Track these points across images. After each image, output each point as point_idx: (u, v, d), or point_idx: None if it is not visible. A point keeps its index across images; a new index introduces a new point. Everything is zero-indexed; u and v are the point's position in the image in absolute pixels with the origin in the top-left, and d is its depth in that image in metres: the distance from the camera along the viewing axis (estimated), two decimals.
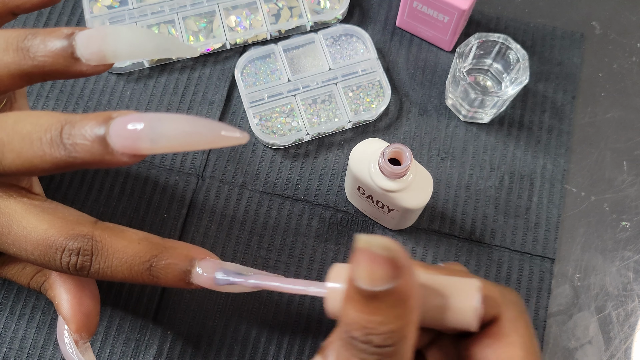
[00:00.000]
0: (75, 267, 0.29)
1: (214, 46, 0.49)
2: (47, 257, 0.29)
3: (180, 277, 0.30)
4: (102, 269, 0.30)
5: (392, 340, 0.22)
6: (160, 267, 0.30)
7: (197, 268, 0.30)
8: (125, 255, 0.30)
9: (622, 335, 0.42)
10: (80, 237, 0.29)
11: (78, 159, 0.27)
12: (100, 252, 0.29)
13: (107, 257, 0.30)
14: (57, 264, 0.29)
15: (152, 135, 0.26)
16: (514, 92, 0.43)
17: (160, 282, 0.30)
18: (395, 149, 0.36)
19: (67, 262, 0.29)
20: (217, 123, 0.27)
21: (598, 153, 0.47)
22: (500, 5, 0.52)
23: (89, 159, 0.27)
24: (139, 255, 0.30)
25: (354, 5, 0.51)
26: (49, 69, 0.28)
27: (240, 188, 0.45)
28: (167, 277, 0.30)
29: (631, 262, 0.44)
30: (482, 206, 0.45)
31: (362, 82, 0.48)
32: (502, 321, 0.26)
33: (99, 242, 0.29)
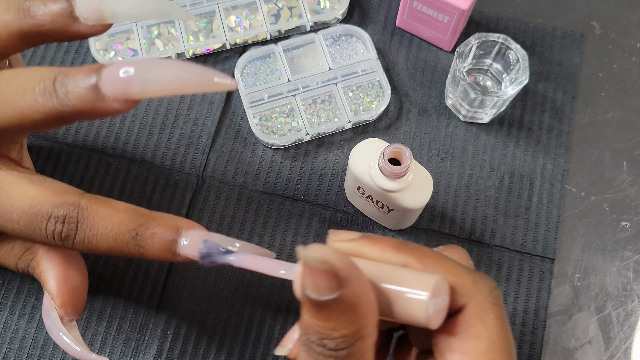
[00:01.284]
0: (61, 236, 0.29)
1: (213, 46, 0.49)
2: (33, 225, 0.29)
3: (167, 247, 0.29)
4: (87, 238, 0.29)
5: (346, 344, 0.23)
6: (147, 237, 0.29)
7: (183, 238, 0.29)
8: (111, 224, 0.29)
9: (622, 335, 0.42)
10: (67, 204, 0.29)
11: (69, 107, 0.27)
12: (86, 220, 0.29)
13: (93, 225, 0.29)
14: (43, 233, 0.29)
15: (144, 79, 0.26)
16: (513, 92, 0.43)
17: (146, 253, 0.30)
18: (395, 149, 0.36)
19: (52, 231, 0.29)
20: (209, 69, 0.27)
21: (598, 153, 0.47)
22: (500, 5, 0.52)
23: (80, 106, 0.27)
24: (124, 224, 0.29)
25: (354, 5, 0.51)
26: (48, 29, 0.28)
27: (240, 188, 0.45)
28: (153, 247, 0.29)
29: (631, 262, 0.44)
30: (482, 206, 0.45)
31: (362, 82, 0.48)
32: (468, 311, 0.25)
33: (85, 210, 0.29)
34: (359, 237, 0.26)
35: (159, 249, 0.30)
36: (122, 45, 0.49)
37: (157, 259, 0.30)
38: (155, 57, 0.27)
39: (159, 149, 0.46)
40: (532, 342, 0.42)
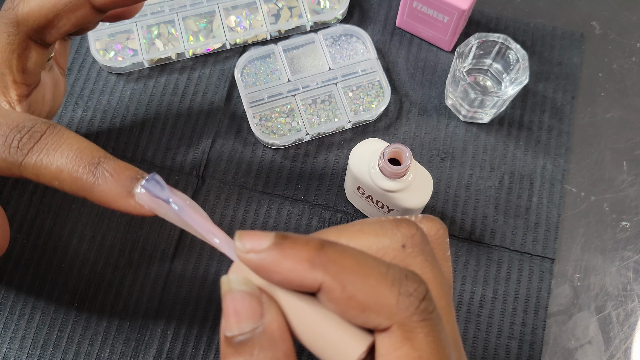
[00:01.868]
0: (19, 143, 0.29)
1: (213, 46, 0.49)
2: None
3: (125, 183, 0.28)
4: (46, 149, 0.29)
5: None
6: (109, 167, 0.29)
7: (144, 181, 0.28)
8: (77, 145, 0.29)
9: (622, 335, 0.42)
10: (41, 121, 0.30)
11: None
12: (52, 134, 0.29)
13: (58, 140, 0.29)
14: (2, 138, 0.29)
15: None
16: (513, 92, 0.43)
17: (101, 187, 0.28)
18: (395, 149, 0.36)
19: (13, 138, 0.29)
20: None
21: (598, 153, 0.47)
22: (500, 5, 0.52)
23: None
24: (90, 150, 0.29)
25: (354, 5, 0.51)
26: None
27: (240, 188, 0.45)
28: (112, 180, 0.28)
29: (631, 262, 0.44)
30: (482, 206, 0.45)
31: (362, 82, 0.48)
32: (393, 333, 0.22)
33: (55, 128, 0.29)
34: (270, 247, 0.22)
35: (117, 184, 0.28)
36: (122, 45, 0.49)
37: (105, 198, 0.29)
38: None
39: (159, 149, 0.46)
40: (532, 342, 0.42)
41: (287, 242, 0.22)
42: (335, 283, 0.22)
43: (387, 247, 0.24)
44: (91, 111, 0.47)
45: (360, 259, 0.22)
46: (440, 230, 0.27)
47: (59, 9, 0.32)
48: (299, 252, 0.22)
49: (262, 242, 0.22)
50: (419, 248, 0.24)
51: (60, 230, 0.44)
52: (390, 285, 0.22)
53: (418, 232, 0.24)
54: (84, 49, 0.49)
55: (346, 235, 0.25)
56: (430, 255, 0.25)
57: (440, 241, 0.27)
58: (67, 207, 0.44)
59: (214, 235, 0.25)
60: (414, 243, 0.24)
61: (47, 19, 0.32)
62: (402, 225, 0.24)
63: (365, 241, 0.24)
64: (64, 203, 0.44)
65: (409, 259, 0.24)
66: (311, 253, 0.22)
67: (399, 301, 0.22)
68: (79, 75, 0.48)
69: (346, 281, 0.22)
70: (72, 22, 0.33)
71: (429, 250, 0.25)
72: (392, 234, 0.24)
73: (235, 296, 0.23)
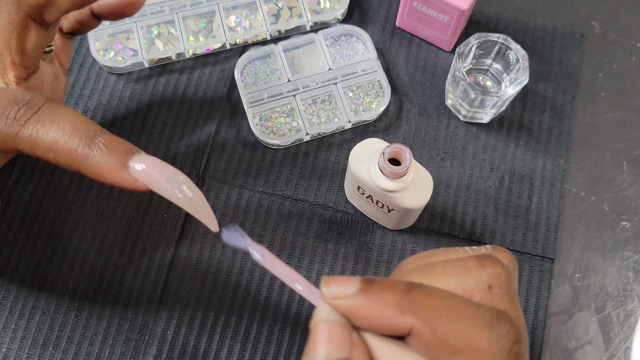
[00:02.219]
0: (16, 114, 0.29)
1: (213, 46, 0.49)
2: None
3: (121, 156, 0.28)
4: (42, 120, 0.29)
5: None
6: (105, 140, 0.29)
7: (140, 155, 0.29)
8: (74, 118, 0.29)
9: (622, 335, 0.42)
10: (38, 96, 0.30)
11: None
12: (51, 107, 0.29)
13: (54, 112, 0.29)
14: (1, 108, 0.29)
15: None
16: (513, 92, 0.43)
17: (96, 158, 0.28)
18: (395, 149, 0.36)
19: (11, 109, 0.29)
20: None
21: (598, 153, 0.47)
22: (500, 5, 0.52)
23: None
24: (86, 123, 0.29)
25: (354, 5, 0.51)
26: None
27: (240, 188, 0.45)
28: (107, 152, 0.28)
29: (631, 262, 0.44)
30: (482, 206, 0.45)
31: (362, 82, 0.48)
32: None
33: (53, 102, 0.29)
34: (357, 292, 0.23)
35: (110, 155, 0.28)
36: (122, 45, 0.49)
37: (99, 170, 0.28)
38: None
39: (159, 149, 0.46)
40: (532, 342, 0.42)
41: (374, 287, 0.22)
42: (425, 327, 0.22)
43: (472, 289, 0.24)
44: (91, 111, 0.47)
45: (449, 300, 0.22)
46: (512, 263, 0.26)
47: None
48: (387, 297, 0.22)
49: (349, 288, 0.23)
50: (504, 289, 0.24)
51: (60, 230, 0.44)
52: (482, 326, 0.21)
53: (504, 271, 0.24)
54: (84, 49, 0.49)
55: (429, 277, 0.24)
56: (514, 295, 0.24)
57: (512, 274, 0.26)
58: (67, 207, 0.44)
59: (295, 281, 0.25)
60: (500, 283, 0.24)
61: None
62: (486, 264, 0.24)
63: (449, 283, 0.24)
64: (64, 203, 0.44)
65: (496, 300, 0.23)
66: (399, 297, 0.22)
67: (491, 344, 0.21)
68: (79, 75, 0.48)
69: (436, 324, 0.22)
70: (72, 0, 0.33)
71: (514, 290, 0.24)
72: (477, 275, 0.24)
73: (329, 325, 0.23)
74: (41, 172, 0.45)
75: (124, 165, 0.28)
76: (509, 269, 0.24)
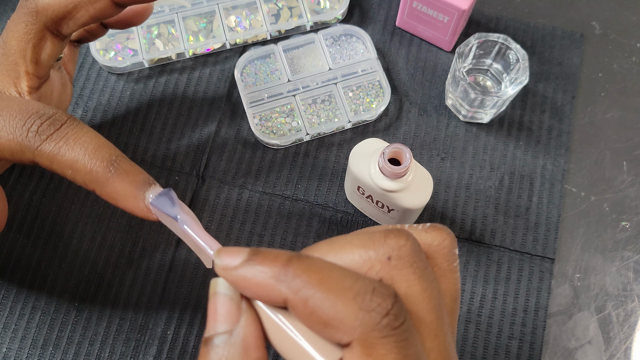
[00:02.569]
0: (38, 128, 0.30)
1: (213, 46, 0.49)
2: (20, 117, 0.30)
3: (139, 185, 0.29)
4: (65, 138, 0.30)
5: None
6: (125, 164, 0.30)
7: (156, 187, 0.29)
8: (97, 139, 0.30)
9: (622, 335, 0.42)
10: (61, 112, 0.30)
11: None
12: (73, 126, 0.30)
13: (78, 132, 0.30)
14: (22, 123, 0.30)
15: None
16: (513, 92, 0.43)
17: (115, 183, 0.29)
18: (395, 149, 0.36)
19: (33, 122, 0.30)
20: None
21: (598, 153, 0.47)
22: (500, 5, 0.52)
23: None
24: (108, 147, 0.30)
25: (354, 5, 0.51)
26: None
27: (240, 188, 0.45)
28: (127, 179, 0.29)
29: (631, 262, 0.44)
30: (482, 206, 0.45)
31: (362, 82, 0.48)
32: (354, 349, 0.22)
33: (75, 120, 0.30)
34: (242, 263, 0.23)
35: (129, 183, 0.29)
36: (122, 45, 0.49)
37: (115, 194, 0.29)
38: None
39: (159, 149, 0.46)
40: (532, 342, 0.42)
41: (258, 257, 0.23)
42: (297, 298, 0.22)
43: (373, 260, 0.24)
44: (91, 111, 0.47)
45: (325, 273, 0.22)
46: (446, 240, 0.26)
47: (79, 0, 0.32)
48: (266, 268, 0.22)
49: (236, 259, 0.23)
50: (405, 260, 0.24)
51: (60, 231, 0.44)
52: (352, 300, 0.21)
53: (407, 243, 0.24)
54: (84, 48, 0.49)
55: (335, 247, 0.24)
56: (421, 267, 0.24)
57: (445, 251, 0.26)
58: (67, 208, 0.44)
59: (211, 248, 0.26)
60: (400, 255, 0.23)
61: (66, 9, 0.32)
62: (390, 236, 0.24)
63: (351, 254, 0.24)
64: (64, 203, 0.44)
65: (394, 271, 0.23)
66: (277, 268, 0.22)
67: (357, 316, 0.21)
68: (79, 75, 0.48)
69: (307, 296, 0.22)
70: (90, 14, 0.33)
71: (420, 262, 0.24)
72: (378, 246, 0.24)
73: (218, 299, 0.24)
74: (41, 172, 0.45)
75: (141, 195, 0.29)
76: (416, 242, 0.24)
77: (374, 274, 0.23)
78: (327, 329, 0.22)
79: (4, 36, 0.34)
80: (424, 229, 0.26)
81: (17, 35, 0.33)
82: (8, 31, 0.33)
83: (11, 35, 0.33)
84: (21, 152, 0.30)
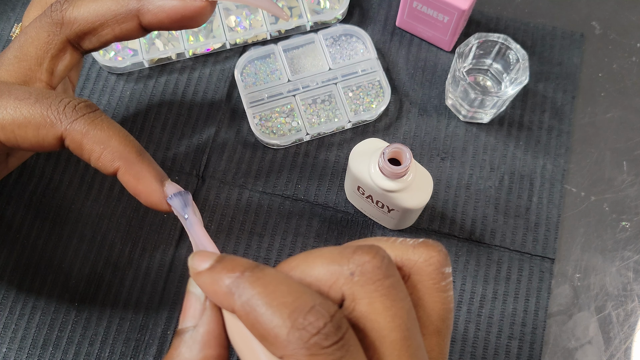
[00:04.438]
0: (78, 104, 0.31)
1: (213, 46, 0.49)
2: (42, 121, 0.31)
3: (160, 174, 0.31)
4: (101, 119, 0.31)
5: None
6: (149, 156, 0.32)
7: (169, 182, 0.31)
8: (125, 131, 0.31)
9: (622, 336, 0.42)
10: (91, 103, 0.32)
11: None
12: (104, 114, 0.31)
13: (109, 119, 0.31)
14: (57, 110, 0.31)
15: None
16: (513, 92, 0.43)
17: (144, 165, 0.31)
18: (395, 148, 0.36)
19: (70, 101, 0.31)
20: None
21: (598, 153, 0.47)
22: (500, 5, 0.52)
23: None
24: (134, 140, 0.32)
25: (354, 5, 0.51)
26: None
27: (240, 188, 0.45)
28: (151, 163, 0.31)
29: (631, 262, 0.44)
30: (482, 206, 0.45)
31: (362, 82, 0.48)
32: None
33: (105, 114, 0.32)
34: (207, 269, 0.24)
35: (155, 168, 0.31)
36: (122, 45, 0.49)
37: (142, 174, 0.31)
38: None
39: (159, 149, 0.46)
40: (532, 342, 0.42)
41: (219, 265, 0.24)
42: (241, 310, 0.22)
43: (337, 274, 0.24)
44: None
45: (272, 287, 0.23)
46: (433, 258, 0.25)
47: (107, 19, 0.32)
48: (224, 277, 0.23)
49: (204, 264, 0.24)
50: (368, 277, 0.23)
51: (60, 230, 0.44)
52: (287, 317, 0.22)
53: (373, 260, 0.23)
54: None
55: (309, 259, 0.24)
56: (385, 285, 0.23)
57: (430, 269, 0.25)
58: (67, 207, 0.44)
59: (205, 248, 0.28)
60: (363, 271, 0.23)
61: (92, 26, 0.32)
62: (358, 252, 0.24)
63: (320, 268, 0.24)
64: (64, 203, 0.44)
65: (356, 288, 0.23)
66: (232, 279, 0.23)
67: (288, 334, 0.21)
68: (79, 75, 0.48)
69: (251, 308, 0.22)
70: (115, 34, 0.33)
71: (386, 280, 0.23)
72: (345, 262, 0.24)
73: (188, 296, 0.26)
74: (41, 172, 0.45)
75: (160, 186, 0.31)
76: (385, 259, 0.24)
77: (338, 289, 0.23)
78: (264, 342, 0.22)
79: (21, 40, 0.33)
80: (414, 244, 0.26)
81: (37, 43, 0.33)
82: (27, 36, 0.33)
83: (30, 42, 0.33)
84: (50, 126, 0.31)
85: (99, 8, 0.32)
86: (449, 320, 0.26)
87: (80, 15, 0.32)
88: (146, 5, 0.32)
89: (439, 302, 0.26)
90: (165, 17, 0.33)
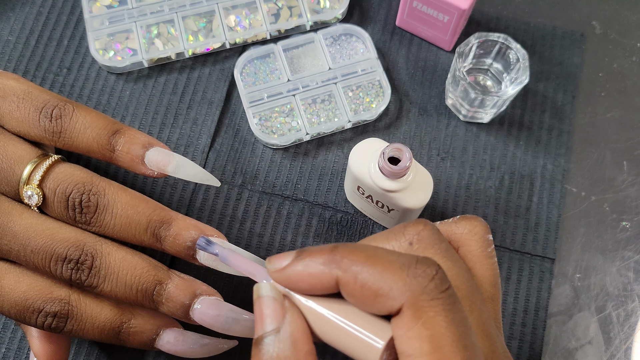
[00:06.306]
0: (50, 327, 0.32)
1: (213, 46, 0.49)
2: (24, 316, 0.32)
3: (146, 342, 0.34)
4: (74, 331, 0.32)
5: None
6: (129, 333, 0.33)
7: (164, 335, 0.34)
8: (97, 321, 0.33)
9: (622, 336, 0.42)
10: (57, 301, 0.32)
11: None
12: (75, 316, 0.32)
13: (81, 321, 0.32)
14: (33, 323, 0.32)
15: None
16: (514, 92, 0.43)
17: (126, 345, 0.34)
18: (395, 148, 0.36)
19: (42, 322, 0.32)
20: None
21: (598, 153, 0.47)
22: (500, 4, 0.52)
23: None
24: (109, 321, 0.33)
25: (354, 5, 0.51)
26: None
27: (240, 188, 0.45)
28: (134, 341, 0.34)
29: (631, 262, 0.44)
30: (482, 206, 0.45)
31: (361, 82, 0.48)
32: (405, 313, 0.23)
33: (74, 307, 0.32)
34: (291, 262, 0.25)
35: (138, 343, 0.34)
36: (122, 44, 0.49)
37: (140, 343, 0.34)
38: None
39: None
40: (532, 342, 0.42)
41: (304, 254, 0.25)
42: (347, 276, 0.24)
43: (397, 248, 0.25)
44: None
45: (370, 252, 0.24)
46: (477, 227, 0.28)
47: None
48: (315, 258, 0.25)
49: (286, 261, 0.26)
50: (426, 242, 0.25)
51: None
52: (398, 269, 0.23)
53: (426, 228, 0.25)
54: (83, 48, 0.49)
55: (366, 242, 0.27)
56: (443, 249, 0.25)
57: (476, 238, 0.28)
58: None
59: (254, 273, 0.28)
60: (421, 238, 0.25)
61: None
62: (409, 225, 0.26)
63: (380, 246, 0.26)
64: None
65: (418, 253, 0.25)
66: (325, 256, 0.24)
67: (406, 282, 0.23)
68: (79, 75, 0.48)
69: (357, 272, 0.23)
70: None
71: (442, 244, 0.25)
72: (399, 236, 0.26)
73: (262, 301, 0.26)
74: None
75: (153, 347, 0.34)
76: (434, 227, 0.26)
77: None
78: (377, 299, 0.23)
79: None
80: (455, 220, 0.29)
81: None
82: None
83: None
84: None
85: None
86: (499, 286, 0.28)
87: None
88: None
89: (489, 268, 0.28)
90: None
